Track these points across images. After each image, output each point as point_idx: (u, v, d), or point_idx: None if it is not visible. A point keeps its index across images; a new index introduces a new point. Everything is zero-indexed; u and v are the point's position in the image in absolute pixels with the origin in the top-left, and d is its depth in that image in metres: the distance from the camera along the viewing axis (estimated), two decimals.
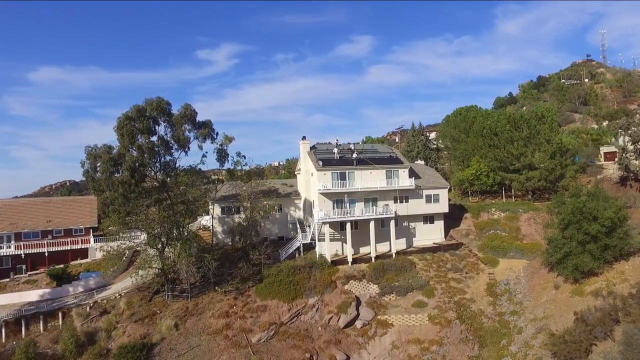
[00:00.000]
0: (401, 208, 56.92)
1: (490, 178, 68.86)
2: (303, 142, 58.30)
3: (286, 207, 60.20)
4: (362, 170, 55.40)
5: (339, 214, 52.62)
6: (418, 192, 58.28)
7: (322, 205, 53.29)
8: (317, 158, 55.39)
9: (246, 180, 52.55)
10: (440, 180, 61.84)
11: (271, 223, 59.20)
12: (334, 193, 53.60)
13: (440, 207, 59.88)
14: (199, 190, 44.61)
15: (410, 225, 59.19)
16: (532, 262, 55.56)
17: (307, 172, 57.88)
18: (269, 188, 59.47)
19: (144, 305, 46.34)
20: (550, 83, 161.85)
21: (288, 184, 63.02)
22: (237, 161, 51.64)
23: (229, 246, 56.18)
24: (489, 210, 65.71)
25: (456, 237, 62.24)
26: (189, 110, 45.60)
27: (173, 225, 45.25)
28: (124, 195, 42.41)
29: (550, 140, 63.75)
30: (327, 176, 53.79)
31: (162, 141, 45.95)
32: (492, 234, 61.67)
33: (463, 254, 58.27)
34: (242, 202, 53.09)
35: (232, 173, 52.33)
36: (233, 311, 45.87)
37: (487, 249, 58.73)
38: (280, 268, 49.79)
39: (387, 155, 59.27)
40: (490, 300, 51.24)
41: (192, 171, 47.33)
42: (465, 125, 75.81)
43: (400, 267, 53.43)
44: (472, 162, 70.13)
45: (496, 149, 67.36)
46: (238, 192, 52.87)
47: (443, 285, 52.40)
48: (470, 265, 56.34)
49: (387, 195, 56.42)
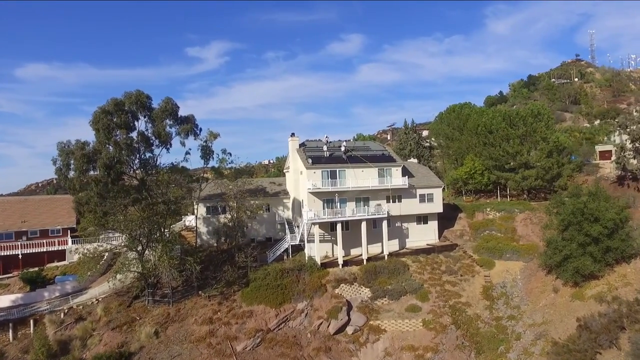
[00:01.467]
0: (394, 208, 54.74)
1: (485, 177, 66.99)
2: (292, 139, 55.86)
3: (274, 206, 57.76)
4: (354, 169, 53.12)
5: (329, 214, 50.31)
6: (411, 191, 56.14)
7: (312, 205, 50.94)
8: (306, 156, 53.01)
9: (232, 178, 49.97)
10: (434, 179, 59.75)
11: (258, 223, 56.72)
12: (324, 192, 51.28)
13: (434, 207, 57.78)
14: (181, 189, 41.91)
15: (403, 226, 57.04)
16: (529, 264, 53.70)
17: (296, 170, 55.48)
18: (256, 187, 56.97)
19: (122, 311, 43.68)
20: (541, 82, 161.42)
21: (276, 183, 60.57)
22: (223, 159, 49.09)
23: (214, 248, 53.68)
24: (484, 210, 63.81)
25: (450, 238, 60.22)
26: (170, 104, 42.95)
27: (153, 226, 42.60)
28: (100, 194, 39.70)
29: (546, 139, 61.99)
30: (316, 174, 51.44)
31: (142, 137, 43.31)
32: (488, 234, 59.74)
33: (458, 256, 56.25)
34: (227, 201, 50.56)
35: (217, 171, 49.71)
36: (217, 317, 43.38)
37: (483, 251, 56.75)
38: (267, 271, 47.37)
39: (380, 153, 57.04)
40: (487, 304, 49.23)
41: (174, 169, 44.65)
42: (459, 122, 73.86)
43: (393, 270, 51.24)
44: (466, 160, 68.22)
45: (491, 147, 65.46)
46: (224, 191, 50.27)
47: (437, 288, 50.30)
48: (466, 268, 54.31)
49: (379, 195, 54.21)
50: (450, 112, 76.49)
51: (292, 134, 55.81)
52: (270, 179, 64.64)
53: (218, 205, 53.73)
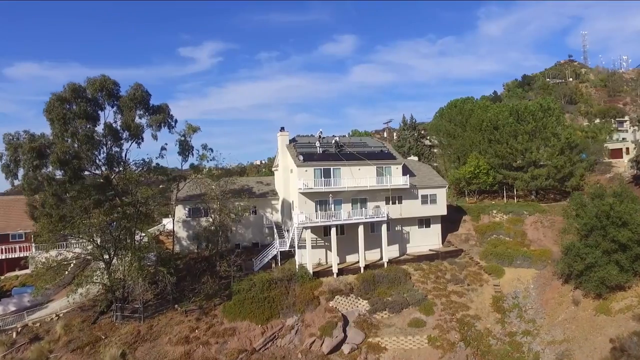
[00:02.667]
0: (394, 210, 49.59)
1: (490, 176, 62.11)
2: (281, 133, 50.52)
3: (261, 208, 52.39)
4: (350, 167, 47.90)
5: (322, 217, 45.03)
6: (413, 191, 51.03)
7: (303, 206, 45.66)
8: (297, 152, 47.73)
9: (215, 177, 44.55)
10: (437, 179, 54.68)
11: (244, 227, 51.33)
12: (316, 193, 46.00)
13: (437, 208, 52.71)
14: (152, 189, 36.33)
15: (403, 230, 51.90)
16: (543, 272, 48.85)
17: (285, 168, 50.17)
18: (241, 187, 51.61)
19: (86, 329, 38.03)
20: (536, 82, 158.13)
21: (264, 183, 55.19)
22: (203, 155, 43.64)
23: (195, 254, 48.21)
24: (490, 212, 58.87)
25: (455, 243, 55.18)
26: (140, 92, 37.48)
27: (121, 231, 37.11)
28: (57, 195, 34.14)
29: (557, 135, 57.18)
30: (308, 173, 46.17)
31: (110, 130, 37.76)
32: (495, 239, 54.82)
33: (464, 262, 51.23)
34: (208, 202, 45.18)
35: (197, 169, 44.31)
36: (195, 336, 37.90)
37: (491, 257, 51.83)
38: (253, 282, 42.00)
39: (378, 150, 51.87)
40: (498, 318, 44.23)
41: (146, 166, 39.08)
42: (462, 118, 68.95)
43: (394, 279, 46.10)
44: (470, 158, 63.29)
45: (497, 144, 60.59)
46: (205, 191, 44.83)
47: (443, 299, 45.23)
48: (473, 276, 49.31)
49: (378, 196, 49.04)
50: (452, 108, 71.58)
51: (282, 128, 50.55)
52: (258, 178, 59.28)
53: (200, 207, 48.31)
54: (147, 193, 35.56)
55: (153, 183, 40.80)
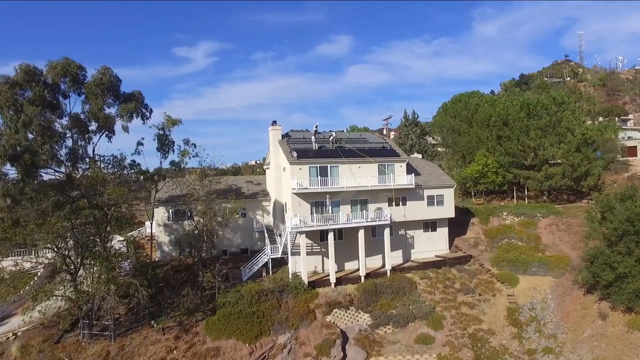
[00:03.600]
0: (397, 212, 44.95)
1: (500, 175, 57.55)
2: (273, 128, 45.71)
3: (251, 211, 47.59)
4: (349, 164, 43.22)
5: (318, 220, 40.26)
6: (418, 192, 46.42)
7: (297, 209, 40.92)
8: (290, 148, 42.98)
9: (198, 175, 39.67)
10: (444, 178, 50.06)
11: (232, 232, 46.53)
12: (312, 193, 41.28)
13: (444, 210, 48.10)
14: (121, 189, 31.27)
15: (407, 234, 47.27)
16: (561, 281, 44.36)
17: (277, 166, 45.40)
18: (228, 186, 46.89)
19: (47, 351, 33.09)
20: (533, 81, 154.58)
21: (254, 182, 50.36)
22: (184, 151, 38.77)
23: (177, 261, 43.38)
24: (500, 214, 54.33)
25: (463, 248, 50.59)
26: (108, 76, 32.59)
27: (89, 237, 32.23)
28: (10, 195, 29.23)
29: (573, 130, 52.71)
30: (303, 171, 41.45)
31: (75, 121, 32.85)
32: (507, 243, 50.27)
33: (474, 270, 46.68)
34: (189, 204, 40.39)
35: (178, 166, 39.46)
36: (173, 357, 33.10)
37: (503, 263, 47.32)
38: (240, 293, 37.23)
39: (380, 146, 47.16)
40: (514, 332, 39.66)
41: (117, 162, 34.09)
42: (467, 113, 64.36)
43: (398, 289, 41.49)
44: (477, 156, 58.70)
45: (507, 141, 56.04)
46: (187, 191, 39.96)
47: (453, 312, 40.65)
48: (484, 285, 44.77)
49: (380, 197, 44.39)
50: (456, 102, 66.99)
51: (274, 122, 45.73)
52: (247, 177, 54.43)
53: (183, 208, 43.44)
54: (116, 193, 30.64)
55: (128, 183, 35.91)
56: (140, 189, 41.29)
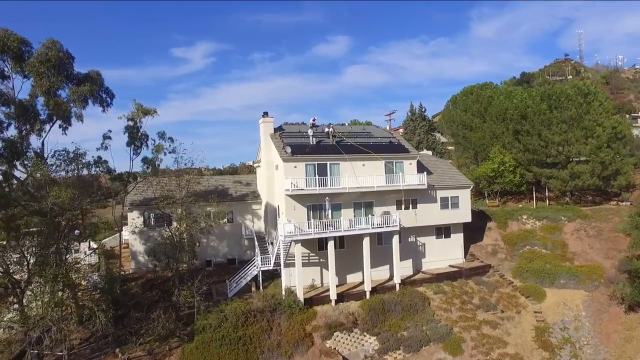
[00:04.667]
0: (407, 216, 39.17)
1: (517, 175, 51.86)
2: (264, 120, 39.88)
3: (240, 215, 41.76)
4: (352, 162, 37.43)
5: (316, 226, 34.37)
6: (430, 193, 40.68)
7: (291, 213, 35.10)
8: (283, 143, 37.19)
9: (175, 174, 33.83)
10: (459, 177, 44.31)
11: (217, 239, 40.73)
12: (309, 195, 35.46)
13: (460, 214, 42.38)
14: (68, 192, 25.32)
15: (418, 241, 41.51)
16: (595, 295, 38.72)
17: (269, 164, 39.54)
18: (213, 187, 41.11)
19: None
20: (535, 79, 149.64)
21: (243, 182, 44.43)
22: (158, 146, 32.94)
23: (154, 274, 37.56)
24: (519, 217, 48.56)
25: (480, 256, 44.85)
26: (55, 52, 26.66)
27: (36, 251, 26.38)
28: None
29: (601, 124, 47.04)
30: (298, 169, 35.66)
31: (20, 107, 27.00)
32: (529, 251, 44.59)
33: (494, 282, 40.96)
34: (163, 209, 34.59)
35: (151, 164, 33.65)
36: None
37: (526, 274, 41.64)
38: (224, 314, 31.39)
39: (387, 141, 41.35)
40: (546, 358, 33.98)
41: (69, 159, 28.14)
42: (479, 107, 58.62)
43: (409, 306, 35.72)
44: (492, 153, 53.05)
45: (526, 136, 50.32)
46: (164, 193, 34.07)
47: (473, 332, 34.95)
48: (507, 299, 39.06)
49: (387, 199, 38.64)
50: (467, 95, 61.27)
51: (265, 113, 39.91)
52: (235, 177, 48.52)
53: (161, 213, 37.52)
54: (64, 196, 24.69)
55: (85, 183, 30.07)
56: (109, 192, 35.36)
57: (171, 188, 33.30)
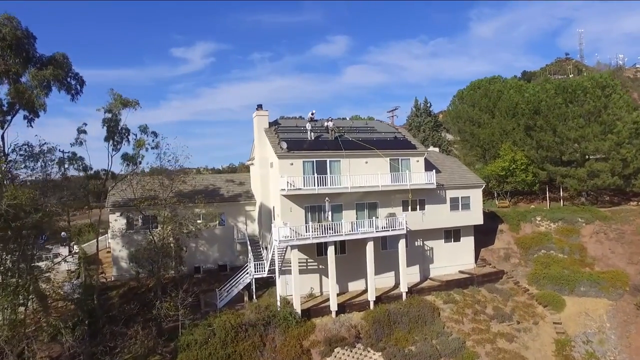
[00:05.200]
0: (413, 218, 35.89)
1: (530, 173, 48.61)
2: (257, 113, 36.54)
3: (232, 217, 38.45)
4: (354, 159, 34.16)
5: (315, 230, 31.07)
6: (439, 193, 37.42)
7: (287, 215, 31.82)
8: (279, 138, 33.88)
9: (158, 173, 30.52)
10: (469, 176, 41.04)
11: (207, 243, 37.42)
12: (306, 195, 32.17)
13: (471, 216, 39.14)
14: (26, 193, 22.03)
15: (426, 245, 38.23)
16: (620, 304, 35.59)
17: (263, 161, 36.19)
18: (203, 187, 37.86)
19: None
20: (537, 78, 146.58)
21: (236, 181, 41.08)
22: (139, 141, 29.63)
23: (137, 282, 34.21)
24: (533, 219, 45.34)
25: (492, 261, 41.62)
26: (10, 29, 23.20)
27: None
28: None
29: (622, 118, 43.80)
30: (295, 167, 32.37)
31: None
32: (544, 255, 41.39)
33: (508, 290, 37.72)
34: (143, 210, 31.28)
35: (132, 161, 30.32)
36: None
37: (543, 281, 38.44)
38: (211, 329, 28.10)
39: (392, 136, 38.07)
40: None
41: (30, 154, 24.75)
42: (488, 102, 55.32)
43: (417, 317, 32.44)
44: (503, 150, 49.81)
45: (540, 132, 47.06)
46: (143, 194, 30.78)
47: (488, 347, 31.72)
48: (523, 309, 35.82)
49: (393, 199, 35.36)
50: (474, 90, 57.95)
51: (259, 106, 36.60)
52: (228, 175, 45.14)
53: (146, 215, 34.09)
54: (20, 197, 21.37)
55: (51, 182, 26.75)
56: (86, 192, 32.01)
57: (154, 187, 29.98)
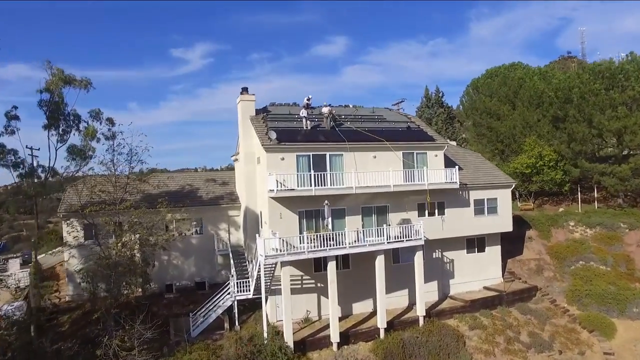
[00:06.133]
0: (431, 225, 29.60)
1: (559, 171, 42.32)
2: (242, 98, 30.11)
3: (212, 223, 32.07)
4: (358, 152, 27.88)
5: (311, 241, 24.75)
6: (461, 194, 31.11)
7: (277, 223, 25.53)
8: (267, 127, 27.57)
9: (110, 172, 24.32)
10: (496, 173, 34.67)
11: (182, 255, 31.11)
12: (301, 198, 25.85)
13: (498, 222, 32.80)
14: None
15: (445, 257, 31.91)
16: None
17: (249, 156, 29.79)
18: (179, 187, 31.57)
19: None
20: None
21: (218, 181, 34.61)
22: (89, 129, 23.40)
23: (94, 303, 27.86)
24: (565, 224, 39.08)
25: (521, 274, 35.30)
26: None
27: None
28: None
29: None
30: (286, 163, 26.09)
31: None
32: (583, 267, 35.10)
33: (544, 310, 31.41)
34: (93, 217, 25.05)
35: (80, 155, 24.12)
36: None
37: (586, 299, 32.19)
38: None
39: (404, 126, 31.75)
40: None
41: None
42: (508, 90, 48.99)
43: (438, 348, 26.15)
44: (527, 145, 43.55)
45: (573, 123, 40.75)
46: (92, 198, 24.60)
47: None
48: (564, 335, 29.54)
49: (407, 202, 29.09)
50: (492, 78, 51.61)
51: (244, 89, 30.26)
52: (208, 173, 38.72)
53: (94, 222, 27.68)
54: None
55: None
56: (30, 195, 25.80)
57: (107, 189, 23.72)
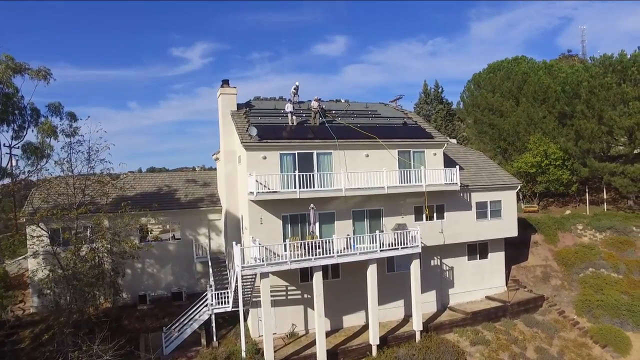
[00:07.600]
0: (429, 231, 27.08)
1: (566, 170, 39.82)
2: (223, 91, 27.53)
3: (191, 228, 29.52)
4: (349, 150, 25.32)
5: (296, 249, 22.19)
6: (462, 196, 28.56)
7: (257, 229, 23.00)
8: (248, 123, 25.00)
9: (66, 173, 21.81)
10: (500, 174, 32.08)
11: (157, 263, 28.58)
12: (285, 201, 23.29)
13: (503, 226, 30.26)
14: None
15: (444, 265, 29.37)
16: None
17: (229, 155, 27.25)
18: (156, 188, 29.05)
19: None
20: None
21: (199, 182, 32.02)
22: (44, 124, 20.84)
23: (58, 316, 25.34)
24: (572, 227, 36.59)
25: (526, 283, 32.77)
26: None
27: None
28: None
29: None
30: (269, 162, 23.54)
31: None
32: (593, 275, 32.63)
33: (551, 322, 28.91)
34: (41, 223, 22.59)
35: (37, 152, 21.57)
36: None
37: (597, 311, 29.68)
38: None
39: (400, 122, 29.18)
40: None
41: None
42: (511, 86, 46.42)
43: None
44: (532, 143, 41.05)
45: (581, 120, 38.21)
46: (48, 201, 22.13)
47: None
48: (574, 350, 27.05)
49: (403, 205, 26.55)
50: (494, 72, 49.02)
51: (224, 81, 27.70)
52: (189, 174, 36.08)
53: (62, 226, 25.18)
54: None
55: None
56: None
57: (65, 191, 21.21)
